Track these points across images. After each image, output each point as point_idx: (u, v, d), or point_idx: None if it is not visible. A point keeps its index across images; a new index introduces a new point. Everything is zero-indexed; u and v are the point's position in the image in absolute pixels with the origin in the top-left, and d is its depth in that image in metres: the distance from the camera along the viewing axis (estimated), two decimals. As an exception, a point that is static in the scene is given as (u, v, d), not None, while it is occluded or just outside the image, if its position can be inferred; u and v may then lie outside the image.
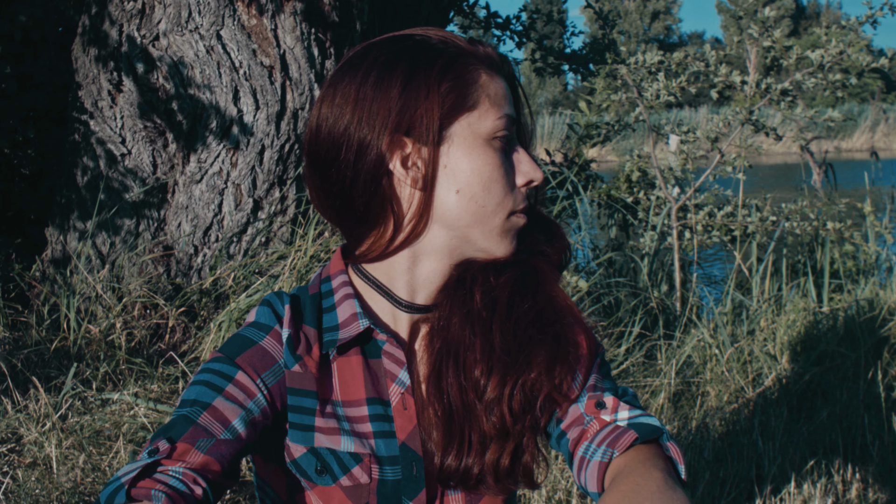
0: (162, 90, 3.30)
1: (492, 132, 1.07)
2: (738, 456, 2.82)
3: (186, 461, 0.96)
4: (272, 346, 1.09)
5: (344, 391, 1.11)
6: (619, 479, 0.96)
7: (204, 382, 1.04)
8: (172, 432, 0.99)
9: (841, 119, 4.09)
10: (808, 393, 3.39)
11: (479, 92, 1.07)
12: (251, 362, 1.07)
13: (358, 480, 1.09)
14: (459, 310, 1.11)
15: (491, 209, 1.08)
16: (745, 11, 34.60)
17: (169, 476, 0.95)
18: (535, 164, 1.12)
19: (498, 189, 1.07)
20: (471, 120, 1.07)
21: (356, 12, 3.51)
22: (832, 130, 21.74)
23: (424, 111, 1.05)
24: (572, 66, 6.69)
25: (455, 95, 1.06)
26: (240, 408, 1.03)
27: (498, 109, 1.08)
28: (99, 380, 2.92)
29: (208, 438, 0.98)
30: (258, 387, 1.05)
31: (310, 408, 1.09)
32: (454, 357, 1.10)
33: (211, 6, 3.26)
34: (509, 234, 1.10)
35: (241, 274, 3.25)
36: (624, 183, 5.05)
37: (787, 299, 4.08)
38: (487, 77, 1.08)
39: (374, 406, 1.10)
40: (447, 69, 1.06)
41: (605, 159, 16.95)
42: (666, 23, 49.00)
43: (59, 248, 3.46)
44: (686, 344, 3.53)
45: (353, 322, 1.10)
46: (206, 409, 1.01)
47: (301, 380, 1.09)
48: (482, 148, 1.07)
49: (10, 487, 2.39)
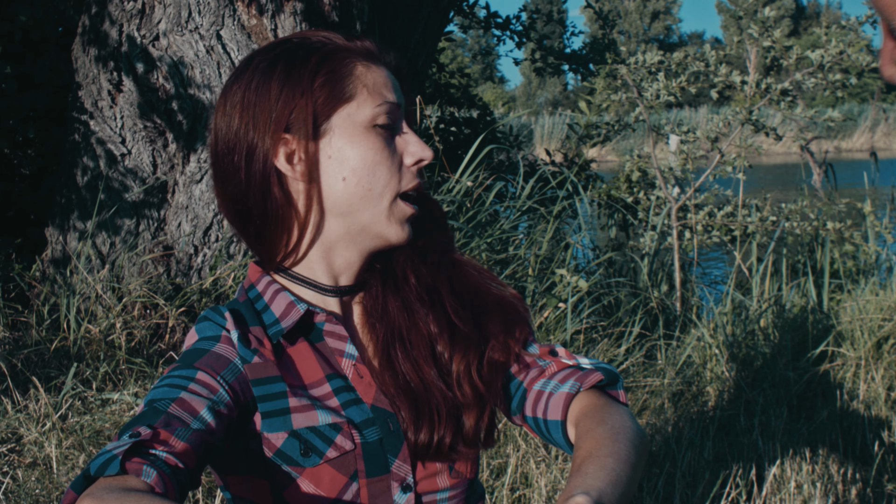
0: (162, 90, 3.30)
1: (372, 119, 1.12)
2: (738, 456, 2.82)
3: (170, 446, 0.98)
4: (225, 350, 1.12)
5: (305, 376, 1.14)
6: (601, 416, 1.05)
7: (166, 385, 1.05)
8: (147, 420, 0.99)
9: (841, 119, 4.10)
10: (808, 393, 3.39)
11: (355, 83, 1.13)
12: (209, 364, 1.09)
13: (343, 449, 1.10)
14: (395, 298, 1.19)
15: (378, 191, 1.13)
16: (745, 11, 34.56)
17: (156, 458, 0.96)
18: (424, 144, 1.16)
19: (383, 171, 1.13)
20: (349, 110, 1.13)
21: (356, 12, 3.51)
22: (832, 130, 21.74)
23: (299, 107, 1.12)
24: (572, 66, 6.69)
25: (329, 88, 1.12)
26: (206, 400, 1.04)
27: (377, 97, 1.13)
28: (99, 380, 2.92)
29: (184, 427, 1.00)
30: (219, 383, 1.07)
31: (280, 391, 1.11)
32: (400, 341, 1.17)
33: (211, 6, 3.26)
34: (399, 219, 1.15)
35: (241, 274, 3.25)
36: (624, 183, 5.05)
37: (787, 299, 4.08)
38: (364, 68, 1.14)
39: (335, 380, 1.14)
40: (321, 65, 1.13)
41: (605, 159, 16.96)
42: (666, 23, 49.00)
43: (59, 248, 3.46)
44: (686, 344, 3.53)
45: (291, 310, 1.15)
46: (175, 401, 1.02)
47: (263, 369, 1.11)
48: (364, 134, 1.12)
49: (10, 487, 2.39)
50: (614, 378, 1.14)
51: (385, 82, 1.15)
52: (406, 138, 1.16)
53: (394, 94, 1.15)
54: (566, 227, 4.99)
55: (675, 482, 2.61)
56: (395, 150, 1.14)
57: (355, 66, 1.14)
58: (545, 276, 3.66)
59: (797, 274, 4.51)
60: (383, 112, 1.13)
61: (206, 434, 1.02)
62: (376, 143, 1.12)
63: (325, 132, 1.12)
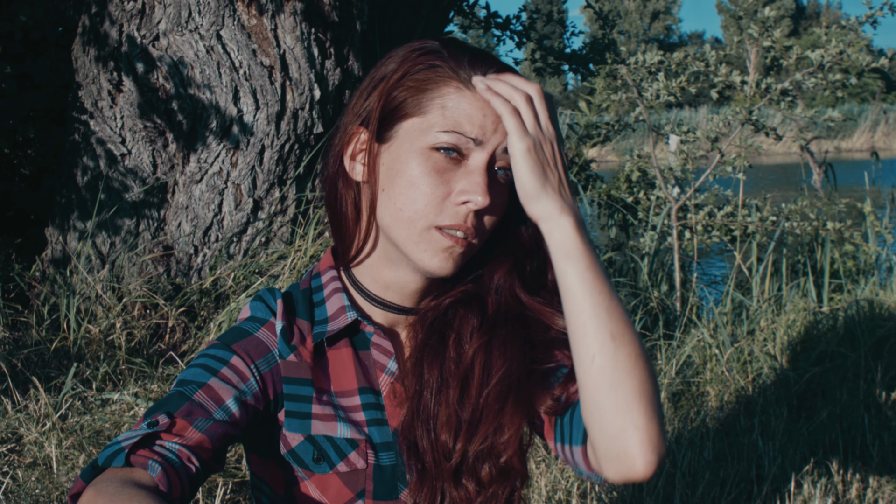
0: (162, 90, 3.30)
1: (433, 142, 1.06)
2: (738, 456, 2.82)
3: (184, 437, 0.98)
4: (267, 338, 1.12)
5: (336, 382, 1.13)
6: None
7: (200, 365, 1.07)
8: (169, 407, 1.01)
9: (841, 119, 4.09)
10: (808, 393, 3.39)
11: (434, 101, 1.07)
12: (246, 349, 1.10)
13: (355, 466, 1.10)
14: (431, 355, 1.14)
15: (407, 214, 1.07)
16: (745, 11, 34.57)
17: (165, 450, 0.97)
18: (484, 189, 1.05)
19: (419, 196, 1.06)
20: (417, 125, 1.07)
21: (356, 12, 3.51)
22: (832, 130, 21.74)
23: (372, 104, 1.10)
24: (572, 66, 6.69)
25: (406, 97, 1.07)
26: (234, 389, 1.05)
27: (450, 123, 1.06)
28: (99, 380, 2.92)
29: (205, 418, 1.01)
30: (252, 372, 1.08)
31: (306, 395, 1.11)
32: (424, 418, 1.13)
33: (211, 6, 3.26)
34: (434, 249, 1.08)
35: (241, 274, 3.25)
36: (624, 183, 5.05)
37: (787, 299, 4.08)
38: (457, 92, 1.06)
39: (366, 395, 1.13)
40: (416, 71, 1.08)
41: (605, 159, 16.95)
42: (666, 23, 49.00)
43: (59, 248, 3.46)
44: (686, 344, 3.53)
45: (341, 315, 1.14)
46: (202, 387, 1.04)
47: (297, 369, 1.11)
48: (419, 154, 1.07)
49: (10, 487, 2.39)
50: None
51: (473, 114, 1.06)
52: (471, 178, 1.06)
53: (478, 130, 1.06)
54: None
55: (675, 482, 2.61)
56: (449, 181, 1.06)
57: (449, 85, 1.07)
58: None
59: (797, 274, 4.51)
60: (448, 141, 1.05)
61: (227, 425, 1.03)
62: (425, 166, 1.06)
63: (389, 137, 1.09)
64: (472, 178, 1.06)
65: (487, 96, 1.04)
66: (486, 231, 1.10)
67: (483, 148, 1.06)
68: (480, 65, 1.08)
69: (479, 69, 1.07)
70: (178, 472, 0.95)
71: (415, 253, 1.08)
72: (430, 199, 1.06)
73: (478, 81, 1.06)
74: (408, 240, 1.08)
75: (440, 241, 1.07)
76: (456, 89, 1.06)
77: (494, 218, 1.10)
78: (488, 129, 1.06)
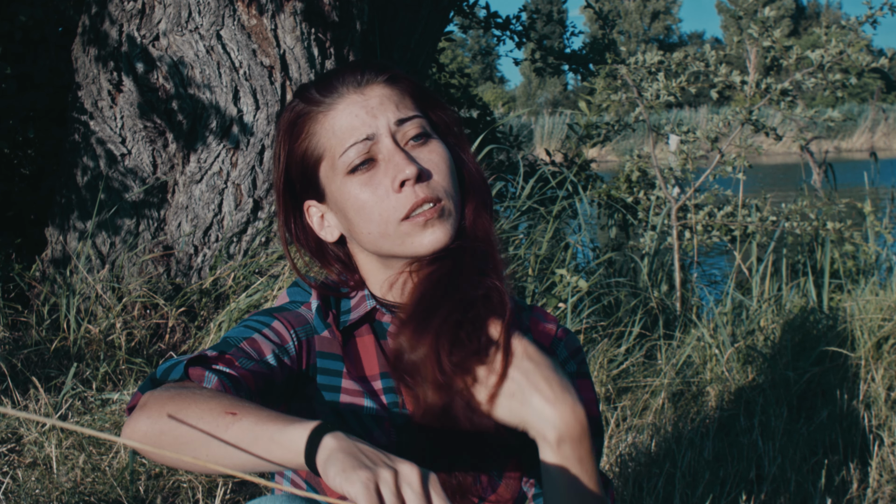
0: (162, 90, 3.30)
1: (347, 167, 1.14)
2: (738, 456, 2.82)
3: (233, 367, 1.05)
4: (306, 312, 1.20)
5: (361, 366, 1.19)
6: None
7: (244, 325, 1.14)
8: (216, 348, 1.08)
9: (841, 119, 4.10)
10: (808, 393, 3.39)
11: (320, 140, 1.16)
12: (286, 317, 1.17)
13: (378, 442, 1.13)
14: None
15: (377, 231, 1.15)
16: (745, 11, 34.55)
17: (218, 371, 1.03)
18: (407, 160, 1.12)
19: (370, 212, 1.14)
20: (325, 167, 1.17)
21: (356, 12, 3.51)
22: (832, 130, 21.73)
23: (286, 177, 1.21)
24: (572, 66, 6.69)
25: (302, 157, 1.18)
26: (274, 345, 1.12)
27: (342, 145, 1.14)
28: (99, 380, 2.92)
29: (248, 359, 1.07)
30: (291, 336, 1.15)
31: (337, 370, 1.17)
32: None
33: (211, 6, 3.26)
34: (417, 231, 1.13)
35: (241, 274, 3.25)
36: (624, 183, 5.05)
37: (787, 299, 4.08)
38: (326, 118, 1.15)
39: (387, 380, 1.18)
40: (293, 138, 1.18)
41: (605, 159, 16.96)
42: (666, 23, 49.00)
43: (59, 248, 3.46)
44: (686, 344, 3.53)
45: (361, 303, 1.21)
46: (246, 339, 1.10)
47: (330, 345, 1.17)
48: (345, 184, 1.15)
49: (10, 487, 2.39)
50: (605, 482, 1.18)
51: (350, 122, 1.14)
52: (391, 163, 1.13)
53: (364, 129, 1.14)
54: (566, 227, 4.99)
55: (675, 482, 2.61)
56: (380, 181, 1.14)
57: (315, 120, 1.16)
58: (545, 276, 3.66)
59: (797, 274, 4.51)
60: (355, 155, 1.13)
61: (268, 374, 1.08)
62: (356, 188, 1.14)
63: (322, 192, 1.19)
64: (392, 162, 1.13)
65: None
66: (446, 187, 1.15)
67: (380, 137, 1.14)
68: (326, 86, 1.17)
69: (327, 90, 1.16)
70: (232, 389, 1.02)
71: (406, 248, 1.14)
72: (380, 205, 1.13)
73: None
74: (393, 245, 1.14)
75: (415, 224, 1.12)
76: (323, 116, 1.15)
77: (441, 173, 1.15)
78: (371, 122, 1.14)
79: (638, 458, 2.75)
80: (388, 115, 1.14)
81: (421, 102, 1.19)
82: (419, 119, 1.16)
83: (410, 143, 1.15)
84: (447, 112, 1.22)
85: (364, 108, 1.14)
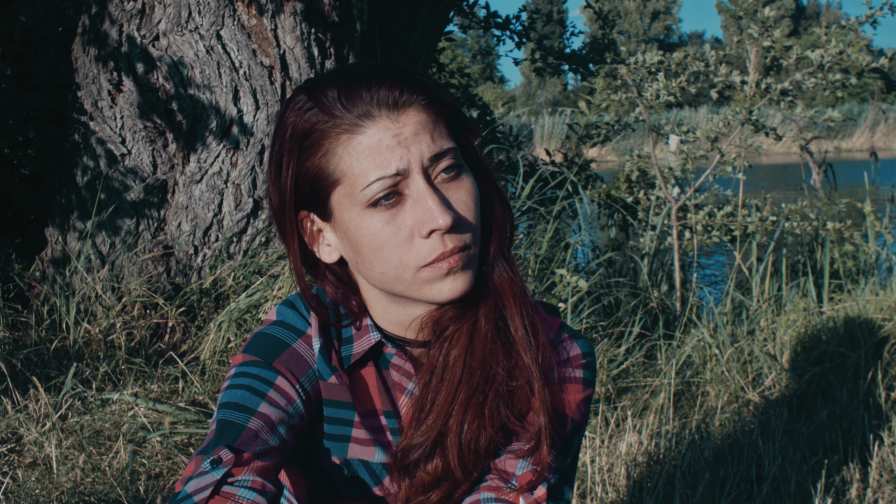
0: (162, 90, 3.30)
1: (366, 202, 1.01)
2: (738, 456, 2.82)
3: (252, 469, 0.96)
4: (305, 351, 1.09)
5: (367, 402, 1.12)
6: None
7: (245, 387, 1.03)
8: (227, 439, 0.98)
9: (841, 119, 4.09)
10: (808, 393, 3.39)
11: (341, 162, 1.02)
12: (288, 366, 1.07)
13: (389, 491, 1.10)
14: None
15: (391, 274, 1.04)
16: (745, 11, 34.57)
17: (239, 487, 0.94)
18: (442, 207, 1.00)
19: (389, 256, 1.03)
20: (341, 193, 1.03)
21: (356, 12, 3.51)
22: (832, 130, 21.74)
23: (289, 187, 1.06)
24: (572, 66, 6.68)
25: (314, 174, 1.04)
26: (283, 412, 1.03)
27: (367, 176, 1.00)
28: (99, 380, 2.92)
29: (263, 445, 0.99)
30: (297, 392, 1.06)
31: (347, 419, 1.10)
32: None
33: (211, 6, 3.26)
34: (438, 280, 1.03)
35: (241, 274, 3.25)
36: (624, 183, 5.05)
37: (787, 299, 4.08)
38: (349, 138, 1.01)
39: (390, 419, 1.12)
40: (299, 152, 1.04)
41: (605, 159, 16.96)
42: (666, 23, 49.00)
43: (58, 248, 3.46)
44: (686, 344, 3.53)
45: (365, 335, 1.11)
46: (254, 414, 1.01)
47: (338, 392, 1.09)
48: (362, 218, 1.02)
49: (10, 487, 2.39)
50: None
51: (380, 151, 1.00)
52: (421, 206, 1.01)
53: (396, 162, 1.00)
54: (566, 227, 4.99)
55: (675, 482, 2.61)
56: (404, 221, 1.02)
57: (339, 140, 1.01)
58: (545, 276, 3.66)
59: (797, 274, 4.51)
60: (377, 189, 1.00)
61: (282, 450, 1.01)
62: (376, 224, 1.02)
63: (329, 214, 1.06)
64: (422, 205, 1.01)
65: None
66: (474, 231, 1.05)
67: (411, 172, 1.01)
68: (352, 96, 1.02)
69: (353, 103, 1.02)
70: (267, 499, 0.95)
71: (423, 294, 1.05)
72: (401, 249, 1.02)
73: None
74: (407, 289, 1.05)
75: (437, 271, 1.03)
76: (347, 138, 1.01)
77: (471, 213, 1.05)
78: (404, 155, 1.00)
79: (638, 458, 2.75)
80: (423, 147, 1.01)
81: (455, 127, 1.07)
82: (454, 151, 1.04)
83: (441, 175, 1.03)
84: (475, 134, 1.10)
85: (397, 138, 1.00)
